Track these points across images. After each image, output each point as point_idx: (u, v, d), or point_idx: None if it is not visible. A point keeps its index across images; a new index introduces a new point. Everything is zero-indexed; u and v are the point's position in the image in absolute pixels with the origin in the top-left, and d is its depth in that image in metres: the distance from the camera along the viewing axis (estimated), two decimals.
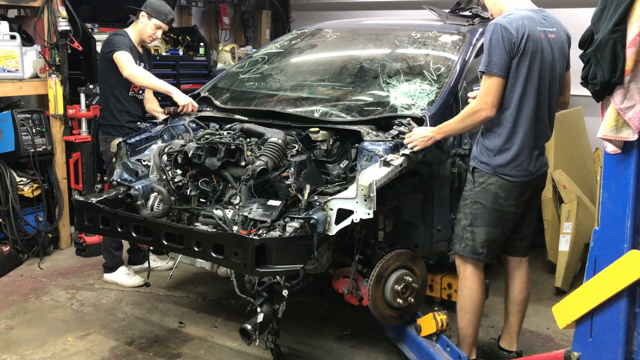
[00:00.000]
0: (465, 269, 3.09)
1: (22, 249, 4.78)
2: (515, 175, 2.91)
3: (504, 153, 2.90)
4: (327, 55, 4.23)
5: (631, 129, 2.03)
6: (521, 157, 2.89)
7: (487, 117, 2.86)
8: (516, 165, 2.90)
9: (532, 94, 2.86)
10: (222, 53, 7.37)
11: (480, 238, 3.00)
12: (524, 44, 2.80)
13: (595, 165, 5.11)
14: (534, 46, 2.82)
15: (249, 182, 3.02)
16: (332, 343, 3.59)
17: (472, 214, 3.01)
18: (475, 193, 2.99)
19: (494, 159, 2.92)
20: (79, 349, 3.49)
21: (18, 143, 4.69)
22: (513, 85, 2.84)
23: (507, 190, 2.93)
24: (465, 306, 3.09)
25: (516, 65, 2.82)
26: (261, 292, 2.92)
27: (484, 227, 2.99)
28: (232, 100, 3.89)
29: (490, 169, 2.93)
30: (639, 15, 1.96)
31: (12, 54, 4.76)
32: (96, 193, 3.47)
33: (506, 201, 2.94)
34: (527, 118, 2.87)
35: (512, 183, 2.92)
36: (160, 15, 4.27)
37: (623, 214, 2.09)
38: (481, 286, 3.09)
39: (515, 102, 2.85)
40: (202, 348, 3.51)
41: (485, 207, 2.96)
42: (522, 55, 2.81)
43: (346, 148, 3.36)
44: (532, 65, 2.83)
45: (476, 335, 3.14)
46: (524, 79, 2.83)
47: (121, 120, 4.25)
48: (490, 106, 2.84)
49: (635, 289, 2.10)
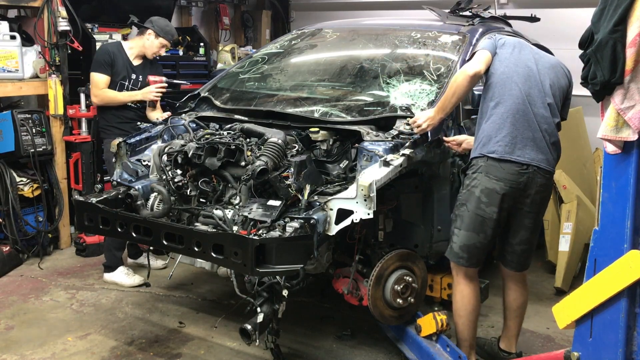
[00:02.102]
0: (457, 273, 3.07)
1: (22, 249, 4.78)
2: (496, 150, 2.89)
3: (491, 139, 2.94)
4: (327, 55, 4.23)
5: (631, 129, 2.03)
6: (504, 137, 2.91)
7: (468, 74, 2.94)
8: (497, 140, 2.91)
9: (513, 85, 2.94)
10: (222, 53, 7.37)
11: (460, 242, 2.99)
12: (505, 39, 3.05)
13: (595, 165, 5.11)
14: (514, 42, 3.04)
15: (249, 182, 3.03)
16: (332, 343, 3.59)
17: (458, 216, 3.01)
18: (463, 195, 3.00)
19: (481, 147, 2.97)
20: (79, 349, 3.49)
21: (18, 143, 4.69)
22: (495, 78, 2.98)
23: (489, 194, 2.90)
24: (458, 311, 3.07)
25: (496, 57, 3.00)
26: (261, 292, 2.92)
27: (465, 232, 2.97)
28: (232, 100, 3.89)
29: (476, 153, 2.98)
30: (639, 15, 1.96)
31: (12, 54, 4.75)
32: (96, 193, 3.47)
33: (488, 207, 2.91)
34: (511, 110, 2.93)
35: (493, 184, 2.88)
36: (167, 36, 4.45)
37: (623, 214, 2.09)
38: (473, 290, 3.05)
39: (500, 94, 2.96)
40: (202, 348, 3.51)
41: (469, 211, 2.95)
42: (503, 46, 3.01)
43: (346, 148, 3.36)
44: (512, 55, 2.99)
45: (474, 338, 3.13)
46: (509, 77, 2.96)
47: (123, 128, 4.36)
48: (470, 66, 2.96)
49: (635, 289, 2.10)
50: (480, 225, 2.94)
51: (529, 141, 2.91)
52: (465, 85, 2.96)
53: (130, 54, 4.44)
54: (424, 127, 3.10)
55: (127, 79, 4.41)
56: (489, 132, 2.94)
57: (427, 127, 3.10)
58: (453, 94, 3.01)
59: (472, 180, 2.96)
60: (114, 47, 4.45)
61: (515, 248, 3.09)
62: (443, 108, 3.07)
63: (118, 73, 4.36)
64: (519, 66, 2.97)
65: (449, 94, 3.03)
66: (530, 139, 2.92)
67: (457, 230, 3.01)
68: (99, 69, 4.34)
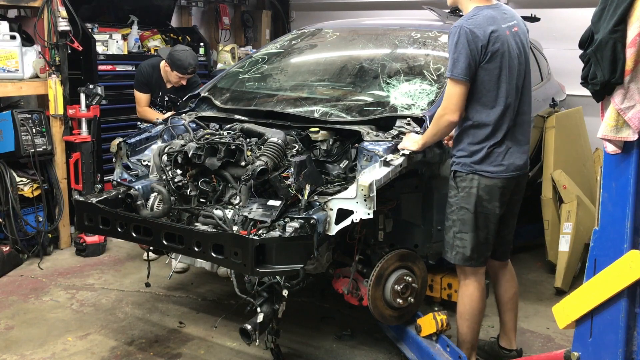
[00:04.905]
0: (465, 276, 3.06)
1: (22, 249, 4.77)
2: (492, 171, 2.88)
3: (480, 152, 2.88)
4: (327, 55, 4.23)
5: (631, 129, 2.02)
6: (496, 152, 2.88)
7: (451, 122, 2.86)
8: (491, 161, 2.89)
9: (506, 92, 2.86)
10: (222, 53, 7.37)
11: (470, 244, 2.97)
12: (492, 47, 2.81)
13: (595, 165, 5.11)
14: (502, 47, 2.83)
15: (249, 182, 3.02)
16: (332, 343, 3.59)
17: (459, 220, 2.97)
18: (459, 199, 2.97)
19: (470, 158, 2.91)
20: (79, 349, 3.49)
21: (18, 143, 4.69)
22: (487, 88, 2.84)
23: (490, 191, 2.90)
24: (464, 314, 3.06)
25: (486, 68, 2.82)
26: (261, 292, 2.92)
27: (472, 233, 2.95)
28: (232, 100, 3.89)
29: (467, 168, 2.92)
30: (639, 15, 1.96)
31: (12, 54, 4.75)
32: (96, 193, 3.47)
33: (490, 203, 2.92)
34: (507, 117, 2.87)
35: (492, 181, 2.89)
36: (179, 70, 4.69)
37: (623, 214, 2.08)
38: (481, 293, 3.05)
39: (492, 104, 2.86)
40: (202, 348, 3.51)
41: (471, 212, 2.93)
42: (492, 58, 2.81)
43: (346, 148, 3.36)
44: (503, 64, 2.84)
45: (476, 341, 3.12)
46: (496, 80, 2.84)
47: None
48: (451, 110, 2.83)
49: (635, 289, 2.10)
50: (484, 222, 2.95)
51: (516, 151, 2.92)
52: (447, 130, 2.94)
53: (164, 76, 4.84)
54: (408, 146, 3.03)
55: (158, 98, 4.86)
56: (473, 148, 2.90)
57: (411, 147, 3.03)
58: (435, 134, 2.96)
59: (468, 182, 2.93)
60: (149, 67, 4.85)
61: (506, 238, 3.15)
62: (425, 142, 3.02)
63: (152, 91, 4.82)
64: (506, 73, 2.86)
65: (431, 132, 2.97)
66: (518, 143, 2.94)
67: (462, 234, 2.97)
68: (139, 88, 4.85)
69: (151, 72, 4.86)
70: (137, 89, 4.90)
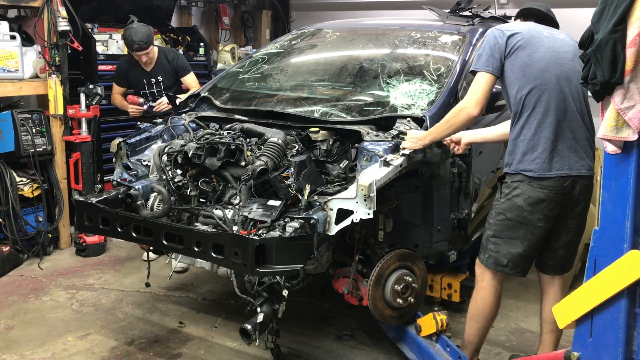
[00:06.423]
0: (483, 279, 2.97)
1: (22, 249, 4.78)
2: (533, 169, 2.76)
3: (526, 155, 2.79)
4: (327, 55, 4.23)
5: (631, 129, 2.02)
6: (538, 149, 2.75)
7: (471, 115, 2.82)
8: (534, 157, 2.76)
9: (543, 85, 2.75)
10: (222, 53, 7.37)
11: (504, 250, 2.87)
12: (519, 38, 2.79)
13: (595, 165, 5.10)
14: (529, 34, 2.80)
15: (249, 182, 3.02)
16: (332, 343, 3.59)
17: (495, 225, 2.90)
18: (500, 204, 2.88)
19: (514, 157, 2.83)
20: (79, 349, 3.49)
21: (18, 143, 4.69)
22: (520, 82, 2.78)
23: (533, 203, 2.78)
24: (475, 316, 3.01)
25: (515, 59, 2.78)
26: (261, 292, 2.92)
27: (508, 240, 2.86)
28: (232, 100, 3.89)
29: (512, 169, 2.83)
30: (639, 15, 1.96)
31: (12, 54, 4.76)
32: (96, 193, 3.47)
33: (532, 215, 2.79)
34: (549, 114, 2.75)
35: (536, 191, 2.75)
36: (128, 47, 4.81)
37: (623, 214, 2.08)
38: (496, 299, 2.97)
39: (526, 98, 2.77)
40: (202, 348, 3.51)
41: (509, 220, 2.83)
42: (520, 48, 2.78)
43: (346, 148, 3.36)
44: (535, 54, 2.78)
45: (481, 344, 3.09)
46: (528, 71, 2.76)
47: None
48: (473, 104, 2.80)
49: (635, 289, 2.10)
50: (524, 233, 2.82)
51: (567, 150, 2.79)
52: (464, 124, 2.89)
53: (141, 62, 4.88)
54: (409, 147, 3.01)
55: (145, 86, 4.95)
56: (524, 148, 2.79)
57: (413, 147, 3.01)
58: (448, 127, 2.92)
59: (512, 189, 2.83)
60: (123, 62, 5.01)
61: (557, 252, 2.97)
62: (434, 136, 2.99)
63: (135, 85, 4.93)
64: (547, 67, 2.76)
65: (444, 125, 2.93)
66: (569, 147, 2.79)
67: (496, 239, 2.89)
68: (116, 80, 5.05)
69: (127, 67, 4.96)
70: (115, 81, 5.08)
